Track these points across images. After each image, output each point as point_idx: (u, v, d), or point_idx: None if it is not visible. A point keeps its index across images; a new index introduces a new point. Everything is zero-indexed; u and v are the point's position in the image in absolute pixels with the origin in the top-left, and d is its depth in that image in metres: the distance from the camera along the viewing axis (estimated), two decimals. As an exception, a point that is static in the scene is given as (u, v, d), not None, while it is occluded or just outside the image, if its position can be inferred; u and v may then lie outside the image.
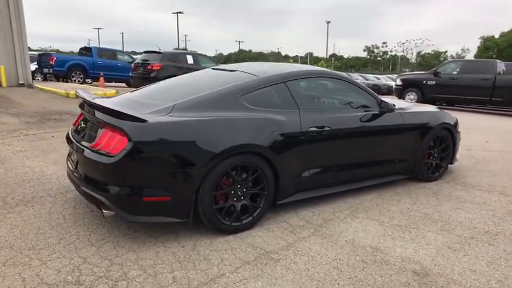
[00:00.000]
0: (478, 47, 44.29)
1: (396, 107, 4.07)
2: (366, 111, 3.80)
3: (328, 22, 62.62)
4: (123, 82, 17.52)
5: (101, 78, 14.58)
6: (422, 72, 17.28)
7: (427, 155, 4.40)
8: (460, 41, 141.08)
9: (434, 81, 14.12)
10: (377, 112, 3.85)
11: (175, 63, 12.27)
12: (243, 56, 78.65)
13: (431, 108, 4.84)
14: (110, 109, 2.73)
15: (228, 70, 3.79)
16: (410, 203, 3.82)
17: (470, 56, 48.02)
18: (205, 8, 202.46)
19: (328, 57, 69.86)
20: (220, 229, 2.91)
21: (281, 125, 3.11)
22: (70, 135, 3.24)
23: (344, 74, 4.05)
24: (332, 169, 3.54)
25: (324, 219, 3.33)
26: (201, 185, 2.75)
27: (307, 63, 62.10)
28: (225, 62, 36.76)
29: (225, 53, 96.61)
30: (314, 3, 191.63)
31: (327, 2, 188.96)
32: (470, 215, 3.56)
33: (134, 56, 18.49)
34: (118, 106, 2.88)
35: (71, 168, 3.09)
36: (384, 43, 56.86)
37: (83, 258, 2.56)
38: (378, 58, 55.12)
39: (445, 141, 4.53)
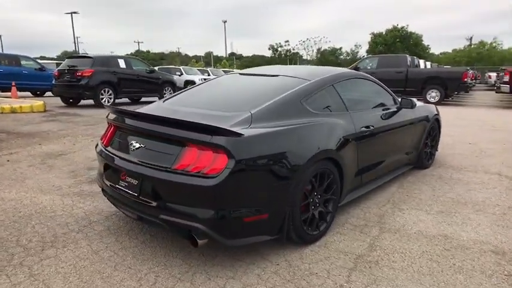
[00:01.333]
0: (369, 42, 49.47)
1: None
2: (387, 108, 4.01)
3: (224, 22, 63.38)
4: (29, 91, 15.49)
5: (13, 88, 12.63)
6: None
7: (424, 145, 4.82)
8: (348, 38, 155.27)
9: (356, 76, 15.39)
10: (396, 109, 4.10)
11: (108, 67, 11.22)
12: (142, 56, 75.44)
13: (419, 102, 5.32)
14: (197, 124, 2.42)
15: (267, 75, 3.65)
16: (430, 190, 4.14)
17: (363, 52, 53.47)
18: (98, 8, 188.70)
19: (227, 56, 70.67)
20: (305, 240, 2.82)
21: (343, 127, 3.13)
22: (113, 155, 2.82)
23: (369, 75, 4.18)
24: (373, 166, 3.68)
25: (378, 215, 3.44)
26: (294, 196, 2.63)
27: (210, 63, 62.01)
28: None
29: (122, 54, 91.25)
30: (210, 3, 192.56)
31: (222, 3, 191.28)
32: (484, 194, 4.01)
33: (41, 61, 16.44)
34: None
35: (127, 195, 2.67)
36: (287, 41, 59.95)
37: (187, 298, 2.25)
38: (283, 56, 57.81)
39: (434, 130, 5.01)
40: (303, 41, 57.72)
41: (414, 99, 4.34)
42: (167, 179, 2.40)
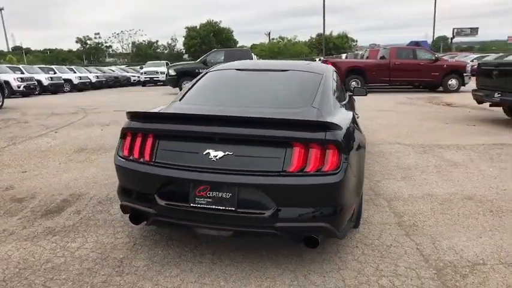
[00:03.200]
0: (184, 36, 50.58)
1: None
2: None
3: (1, 9, 51.96)
4: None
5: None
6: (192, 62, 18.68)
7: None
8: (157, 31, 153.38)
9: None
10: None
11: None
12: None
13: None
14: (305, 121, 2.34)
15: (276, 70, 3.62)
16: (376, 163, 4.99)
17: (179, 44, 54.15)
18: None
19: (10, 50, 59.45)
20: (357, 225, 3.06)
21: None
22: (174, 169, 2.41)
23: None
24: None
25: (370, 189, 3.99)
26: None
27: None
28: None
29: None
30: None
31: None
32: (410, 160, 5.12)
33: None
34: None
35: (214, 211, 2.34)
36: (97, 34, 54.73)
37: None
38: (93, 50, 52.82)
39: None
40: (117, 34, 54.17)
41: None
42: (283, 183, 2.28)
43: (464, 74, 15.40)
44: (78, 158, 5.30)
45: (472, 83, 15.88)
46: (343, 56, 27.75)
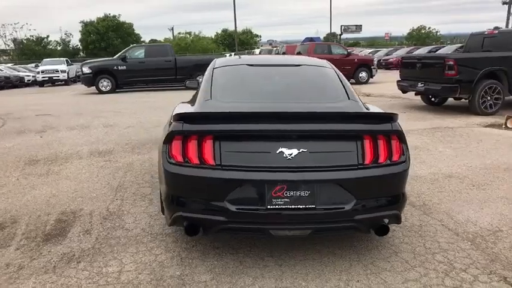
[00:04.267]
0: (80, 31, 46.12)
1: None
2: None
3: None
4: None
5: None
6: (108, 58, 17.20)
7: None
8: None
9: (125, 66, 14.78)
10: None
11: None
12: None
13: None
14: (375, 114, 2.39)
15: (289, 65, 3.59)
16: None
17: (75, 40, 49.07)
18: None
19: None
20: None
21: None
22: (245, 170, 2.28)
23: None
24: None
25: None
26: None
27: None
28: None
29: None
30: None
31: None
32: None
33: None
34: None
35: (293, 211, 2.27)
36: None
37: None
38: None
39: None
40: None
41: None
42: (361, 176, 2.32)
43: (372, 67, 17.03)
44: (37, 170, 4.56)
45: (378, 75, 17.83)
46: (257, 51, 28.41)
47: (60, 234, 2.97)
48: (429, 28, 57.01)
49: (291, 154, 2.30)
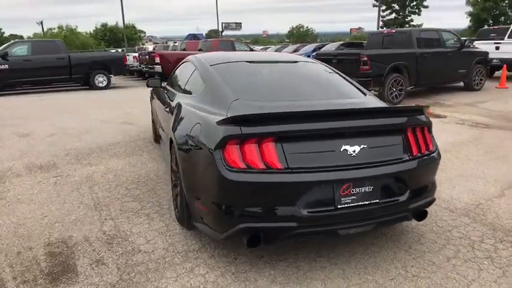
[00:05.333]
0: None
1: None
2: None
3: None
4: None
5: None
6: None
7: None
8: None
9: (6, 65, 12.56)
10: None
11: None
12: None
13: None
14: (413, 107, 2.50)
15: (286, 62, 3.49)
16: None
17: None
18: None
19: None
20: None
21: None
22: (312, 172, 2.20)
23: None
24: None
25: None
26: None
27: None
28: None
29: None
30: None
31: None
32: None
33: None
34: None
35: (359, 208, 2.28)
36: None
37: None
38: None
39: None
40: None
41: None
42: (413, 167, 2.45)
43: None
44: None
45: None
46: (150, 47, 26.96)
47: (66, 270, 2.42)
48: (307, 27, 62.21)
49: (354, 151, 2.30)
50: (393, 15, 35.73)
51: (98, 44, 46.34)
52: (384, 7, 31.49)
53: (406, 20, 35.26)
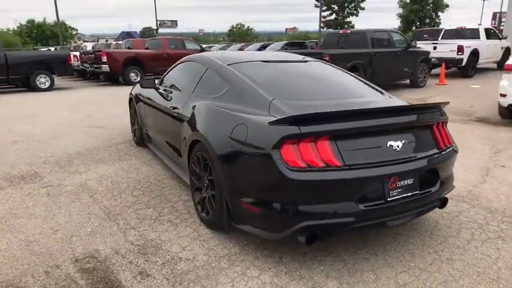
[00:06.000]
0: None
1: None
2: None
3: None
4: None
5: None
6: None
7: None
8: None
9: None
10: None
11: None
12: None
13: None
14: (434, 104, 2.68)
15: (296, 61, 3.62)
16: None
17: None
18: None
19: None
20: None
21: None
22: (368, 168, 2.30)
23: None
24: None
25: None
26: None
27: None
28: None
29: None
30: None
31: None
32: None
33: None
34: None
35: (404, 200, 2.42)
36: None
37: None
38: None
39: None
40: None
41: None
42: (443, 159, 2.65)
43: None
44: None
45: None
46: (89, 46, 25.36)
47: (110, 286, 2.26)
48: (247, 26, 62.72)
49: (398, 146, 2.44)
50: (333, 16, 37.51)
51: (23, 42, 42.61)
52: (324, 8, 32.92)
53: (345, 20, 37.27)
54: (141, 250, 2.66)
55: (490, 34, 14.54)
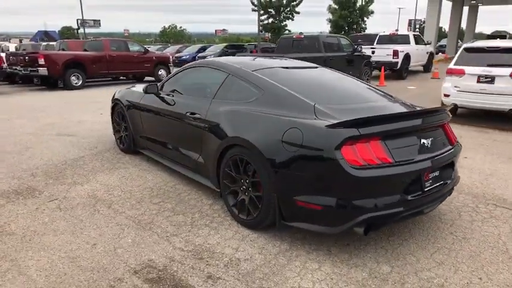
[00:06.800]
0: None
1: None
2: None
3: None
4: None
5: None
6: None
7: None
8: None
9: None
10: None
11: None
12: None
13: None
14: (438, 109, 3.07)
15: (309, 67, 3.91)
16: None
17: None
18: None
19: None
20: None
21: None
22: (411, 163, 2.62)
23: None
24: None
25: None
26: None
27: None
28: None
29: None
30: None
31: None
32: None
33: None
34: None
35: (434, 190, 2.78)
36: None
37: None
38: None
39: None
40: None
41: None
42: (456, 154, 3.06)
43: (169, 65, 17.42)
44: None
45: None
46: (11, 47, 23.04)
47: (187, 291, 2.28)
48: (180, 27, 61.48)
49: (429, 143, 2.79)
50: (270, 20, 38.50)
51: None
52: (261, 11, 33.68)
53: (282, 24, 38.49)
54: (196, 255, 2.69)
55: (417, 40, 16.18)
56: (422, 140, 2.76)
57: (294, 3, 38.18)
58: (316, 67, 4.05)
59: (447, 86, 7.81)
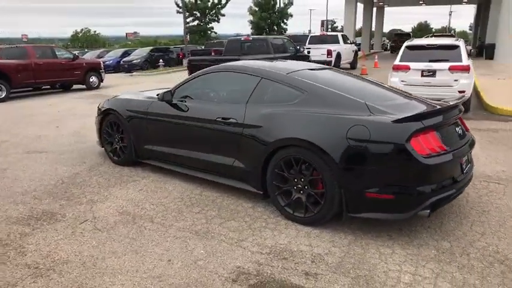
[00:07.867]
0: None
1: None
2: None
3: None
4: None
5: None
6: None
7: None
8: None
9: None
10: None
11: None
12: None
13: None
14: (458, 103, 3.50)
15: (325, 68, 4.15)
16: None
17: None
18: None
19: None
20: None
21: None
22: (456, 150, 2.99)
23: None
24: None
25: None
26: None
27: None
28: None
29: None
30: None
31: None
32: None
33: None
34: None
35: (468, 172, 3.19)
36: None
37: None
38: None
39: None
40: None
41: None
42: (474, 141, 3.50)
43: (100, 71, 16.35)
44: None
45: (108, 79, 17.15)
46: None
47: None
48: (94, 31, 57.20)
49: (460, 132, 3.20)
50: (196, 22, 37.98)
51: None
52: (187, 13, 33.05)
53: (208, 26, 38.23)
54: (278, 256, 2.74)
55: (345, 39, 17.47)
56: (457, 129, 3.17)
57: (220, 6, 38.36)
58: (325, 68, 4.28)
59: (395, 81, 8.65)
